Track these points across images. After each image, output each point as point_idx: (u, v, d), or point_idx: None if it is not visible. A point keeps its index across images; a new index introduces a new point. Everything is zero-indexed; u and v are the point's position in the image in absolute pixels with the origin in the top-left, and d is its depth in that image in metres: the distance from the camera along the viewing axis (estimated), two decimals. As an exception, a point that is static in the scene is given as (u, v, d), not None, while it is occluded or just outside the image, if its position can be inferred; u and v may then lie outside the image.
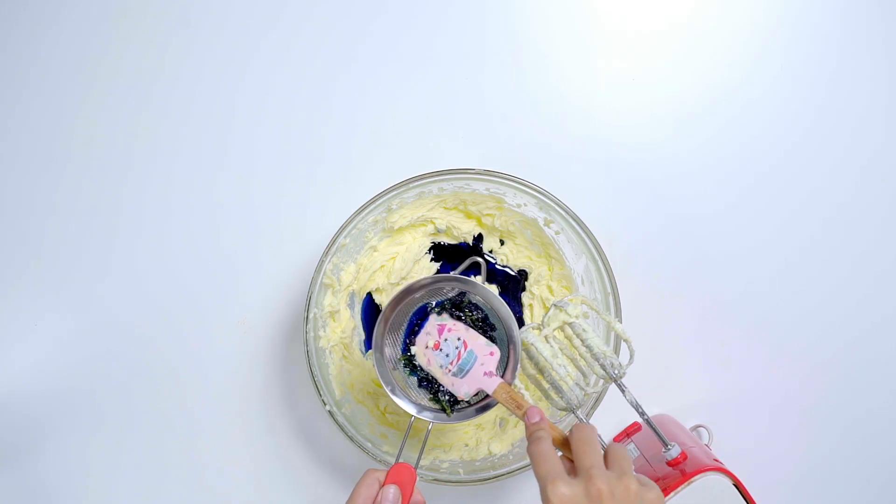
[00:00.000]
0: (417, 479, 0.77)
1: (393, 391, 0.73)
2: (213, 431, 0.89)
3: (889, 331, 0.89)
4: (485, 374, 0.70)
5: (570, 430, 0.63)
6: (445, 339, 0.72)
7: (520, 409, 0.67)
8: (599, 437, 0.67)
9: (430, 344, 0.72)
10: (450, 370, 0.71)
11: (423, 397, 0.73)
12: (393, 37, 0.91)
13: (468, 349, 0.71)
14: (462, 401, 0.72)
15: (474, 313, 0.74)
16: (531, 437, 0.63)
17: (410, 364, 0.74)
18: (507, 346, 0.72)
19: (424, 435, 0.71)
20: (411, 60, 0.91)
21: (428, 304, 0.74)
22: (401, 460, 0.68)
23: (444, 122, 0.91)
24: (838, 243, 0.89)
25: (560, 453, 0.63)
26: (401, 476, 0.65)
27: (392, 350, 0.74)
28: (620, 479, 0.58)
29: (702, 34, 0.91)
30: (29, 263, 0.90)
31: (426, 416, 0.72)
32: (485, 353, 0.71)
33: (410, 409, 0.72)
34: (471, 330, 0.72)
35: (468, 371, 0.71)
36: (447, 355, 0.72)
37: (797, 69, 0.90)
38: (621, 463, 0.59)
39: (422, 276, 0.74)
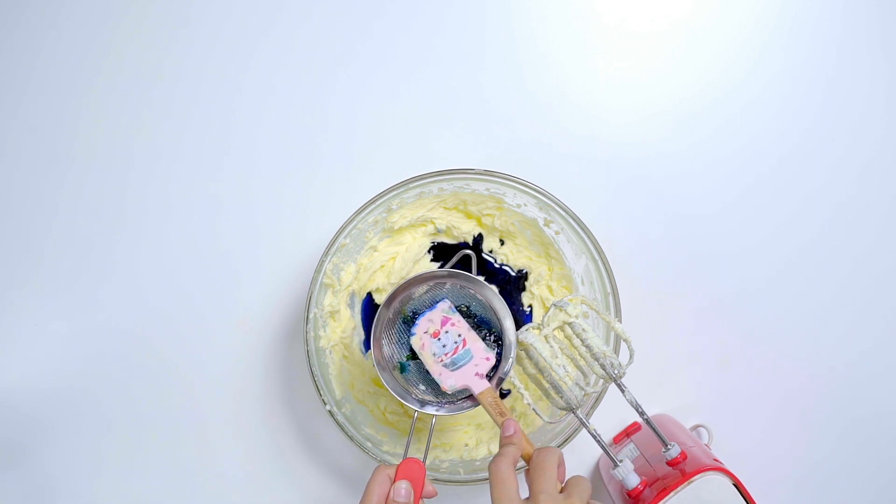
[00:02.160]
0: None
1: (395, 389, 0.74)
2: (213, 431, 0.89)
3: (889, 331, 0.89)
4: (476, 374, 0.71)
5: (534, 453, 0.64)
6: (446, 332, 0.73)
7: (501, 417, 0.69)
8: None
9: (430, 331, 0.73)
10: (442, 360, 0.72)
11: (423, 391, 0.74)
12: (393, 37, 0.91)
13: (466, 347, 0.72)
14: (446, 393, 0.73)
15: (472, 319, 0.75)
16: (500, 447, 0.65)
17: (403, 362, 0.75)
18: (500, 346, 0.73)
19: (429, 429, 0.72)
20: (411, 60, 0.91)
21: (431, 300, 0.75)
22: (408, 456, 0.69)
23: (444, 122, 0.91)
24: (839, 243, 0.89)
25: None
26: (411, 471, 0.65)
27: (389, 348, 0.75)
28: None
29: (701, 33, 0.91)
30: (30, 264, 0.90)
31: (429, 409, 0.73)
32: (482, 355, 0.72)
33: (414, 405, 0.73)
34: (472, 331, 0.73)
35: (460, 366, 0.72)
36: (444, 346, 0.73)
37: (796, 68, 0.90)
38: (575, 490, 0.61)
39: (422, 272, 0.75)
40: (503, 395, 0.86)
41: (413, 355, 0.74)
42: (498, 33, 0.91)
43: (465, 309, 0.75)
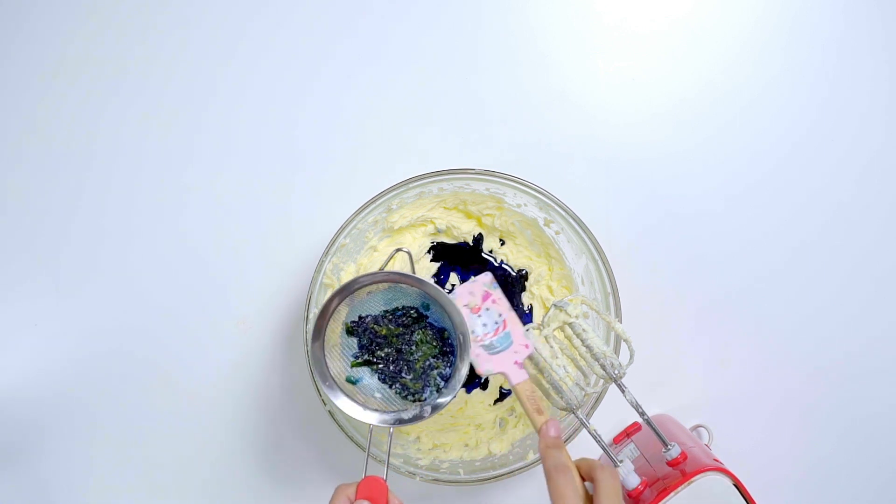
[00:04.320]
0: (417, 479, 0.77)
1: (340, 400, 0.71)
2: (212, 431, 0.89)
3: (890, 331, 0.89)
4: (515, 362, 0.69)
5: (597, 472, 0.61)
6: (487, 309, 0.70)
7: (539, 415, 0.66)
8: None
9: (471, 305, 0.70)
10: (481, 340, 0.69)
11: (379, 400, 0.72)
12: (394, 38, 0.91)
13: (506, 330, 0.69)
14: (423, 399, 0.71)
15: (430, 332, 0.72)
16: (551, 457, 0.62)
17: (365, 362, 0.72)
18: (457, 357, 0.70)
19: (388, 442, 0.70)
20: (412, 61, 0.91)
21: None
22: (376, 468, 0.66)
23: (444, 122, 0.91)
24: (839, 243, 0.89)
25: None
26: (371, 490, 0.63)
27: (335, 364, 0.72)
28: None
29: (702, 33, 0.91)
30: (29, 265, 0.90)
31: (388, 417, 0.70)
32: (521, 341, 0.70)
33: (368, 418, 0.70)
34: (513, 312, 0.70)
35: (500, 351, 0.69)
36: (485, 325, 0.70)
37: (797, 69, 0.90)
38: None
39: (364, 274, 0.71)
40: (503, 396, 0.86)
41: (362, 363, 0.71)
42: (497, 33, 0.91)
43: (419, 313, 0.72)
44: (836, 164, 0.89)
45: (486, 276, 0.71)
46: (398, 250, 0.76)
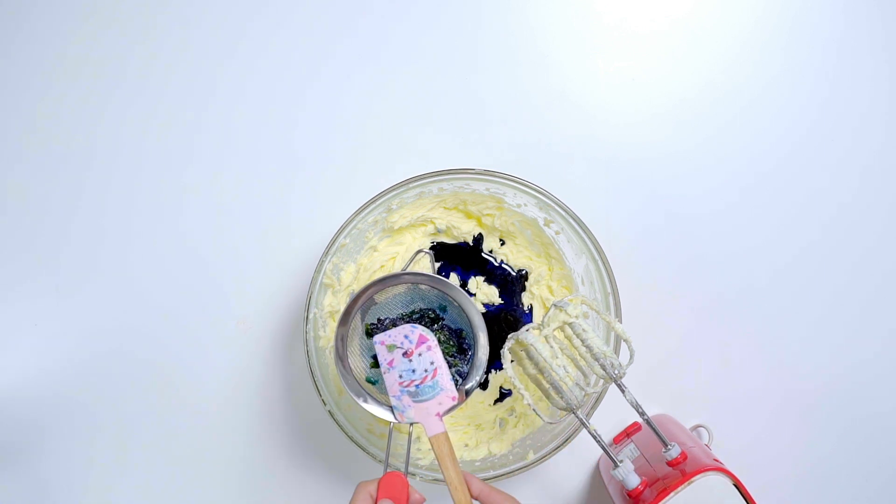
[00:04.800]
0: (417, 479, 0.77)
1: (365, 400, 0.72)
2: (213, 432, 0.89)
3: (890, 331, 0.89)
4: (436, 413, 0.68)
5: None
6: (420, 354, 0.70)
7: (455, 466, 0.65)
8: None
9: (405, 348, 0.70)
10: (406, 385, 0.69)
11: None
12: (394, 38, 0.91)
13: (435, 378, 0.69)
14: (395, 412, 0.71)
15: (446, 332, 0.73)
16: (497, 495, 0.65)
17: (371, 378, 0.73)
18: (473, 351, 0.72)
19: (408, 437, 0.70)
20: (412, 61, 0.91)
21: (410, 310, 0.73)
22: (391, 465, 0.68)
23: (444, 122, 0.91)
24: (839, 243, 0.89)
25: None
26: (392, 487, 0.63)
27: (355, 360, 0.72)
28: None
29: (702, 33, 0.91)
30: (29, 264, 0.90)
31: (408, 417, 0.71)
32: (449, 393, 0.69)
33: (387, 416, 0.71)
34: (445, 364, 0.70)
35: (424, 400, 0.69)
36: (413, 370, 0.69)
37: (797, 69, 0.90)
38: None
39: (389, 274, 0.72)
40: (503, 396, 0.86)
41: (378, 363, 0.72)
42: (497, 33, 0.91)
43: (436, 314, 0.73)
44: (836, 164, 0.89)
45: (426, 330, 0.71)
46: (420, 252, 0.77)
